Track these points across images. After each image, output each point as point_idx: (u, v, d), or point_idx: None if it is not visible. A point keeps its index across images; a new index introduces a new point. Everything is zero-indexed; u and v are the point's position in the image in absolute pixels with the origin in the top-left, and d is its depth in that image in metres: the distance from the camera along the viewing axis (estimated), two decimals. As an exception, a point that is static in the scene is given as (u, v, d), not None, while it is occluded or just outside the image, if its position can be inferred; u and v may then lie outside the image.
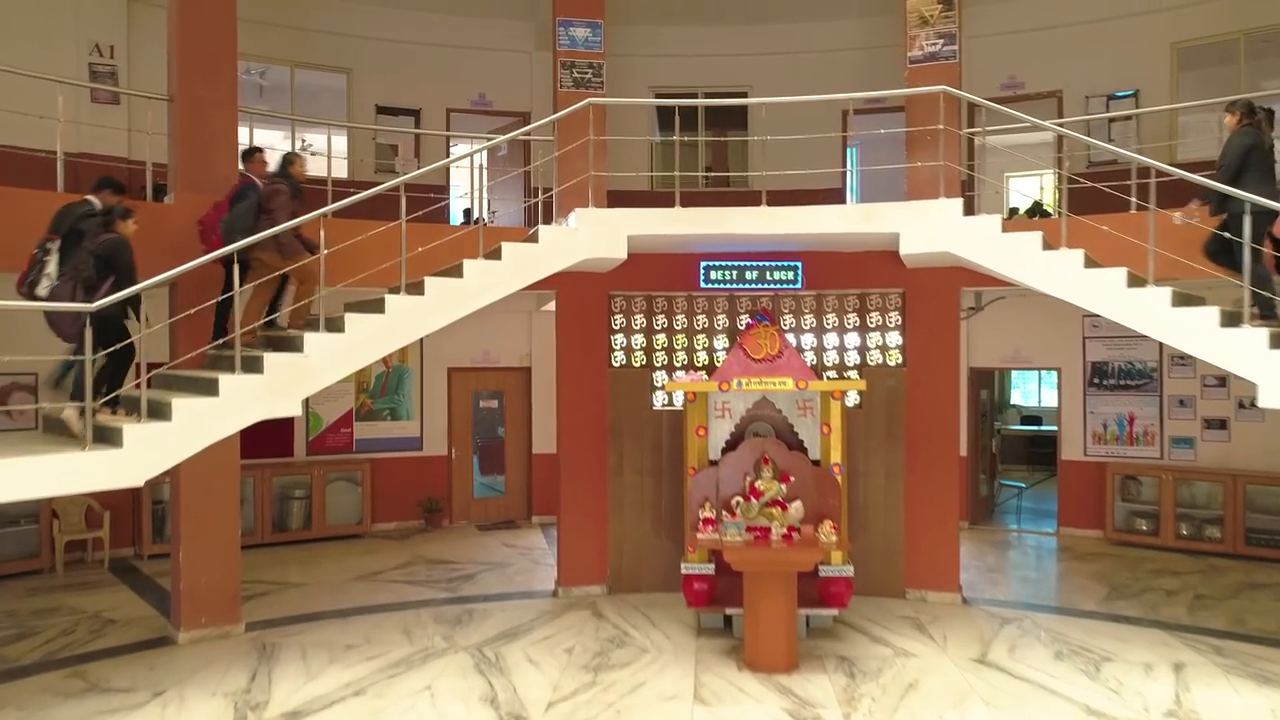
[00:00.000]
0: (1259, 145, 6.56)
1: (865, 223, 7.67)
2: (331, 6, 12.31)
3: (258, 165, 7.88)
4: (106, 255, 6.28)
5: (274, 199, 7.35)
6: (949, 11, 8.89)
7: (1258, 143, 6.56)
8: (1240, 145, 6.58)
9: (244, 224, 7.19)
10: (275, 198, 7.36)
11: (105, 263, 6.26)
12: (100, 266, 6.24)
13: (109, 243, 6.34)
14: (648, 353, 9.53)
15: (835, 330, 9.41)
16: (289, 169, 7.69)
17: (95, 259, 6.24)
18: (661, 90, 13.63)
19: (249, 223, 7.20)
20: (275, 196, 7.36)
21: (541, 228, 7.61)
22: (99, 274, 6.21)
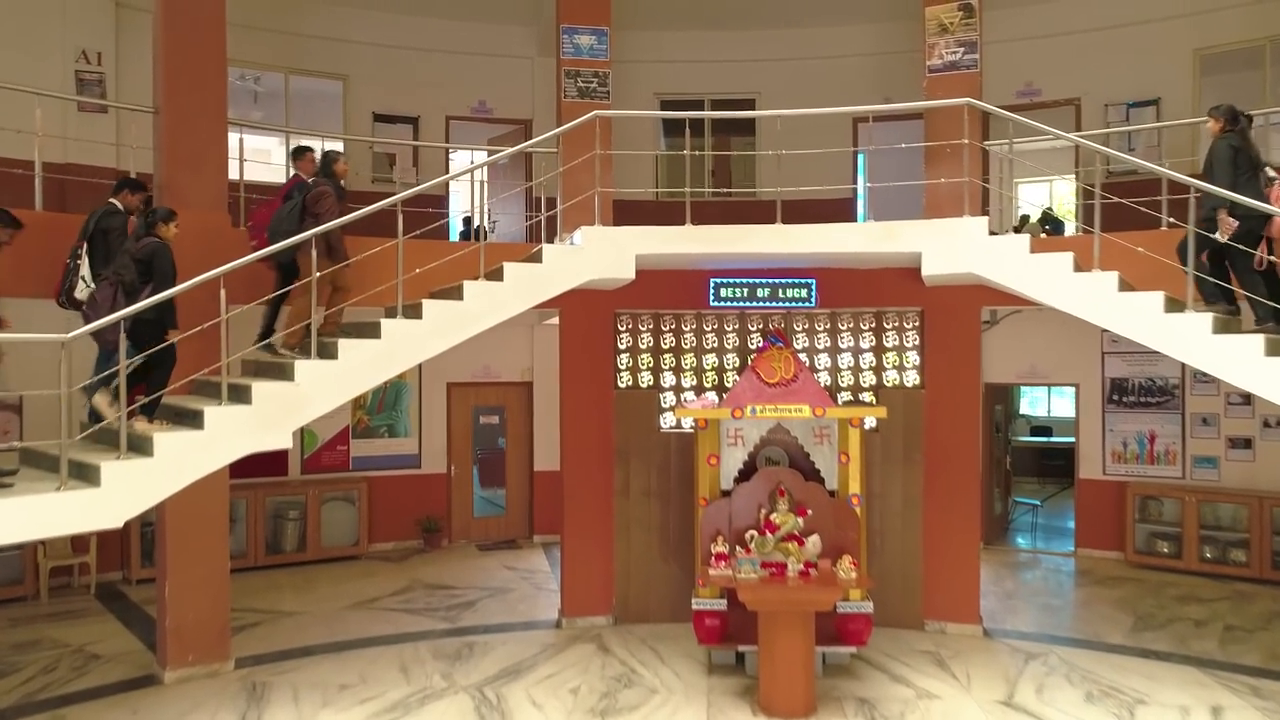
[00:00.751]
0: (1244, 149, 6.50)
1: (886, 242, 7.30)
2: (327, 11, 11.95)
3: (308, 164, 7.66)
4: (147, 259, 6.21)
5: (320, 202, 7.12)
6: (969, 19, 8.53)
7: (1243, 146, 6.50)
8: (1228, 150, 6.48)
9: (287, 226, 7.02)
10: (321, 201, 7.13)
11: (146, 266, 6.20)
12: (141, 270, 6.17)
13: (149, 246, 6.27)
14: (655, 373, 9.17)
15: (850, 350, 9.05)
16: (332, 168, 7.46)
17: (136, 263, 6.17)
18: (667, 97, 13.31)
19: (293, 225, 7.02)
20: (321, 199, 7.14)
21: (546, 247, 7.25)
22: (140, 278, 6.15)
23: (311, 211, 7.11)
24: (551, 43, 10.41)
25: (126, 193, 6.94)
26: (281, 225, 7.09)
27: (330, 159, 7.54)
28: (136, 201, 6.95)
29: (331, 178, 7.42)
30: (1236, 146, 6.47)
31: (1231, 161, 6.43)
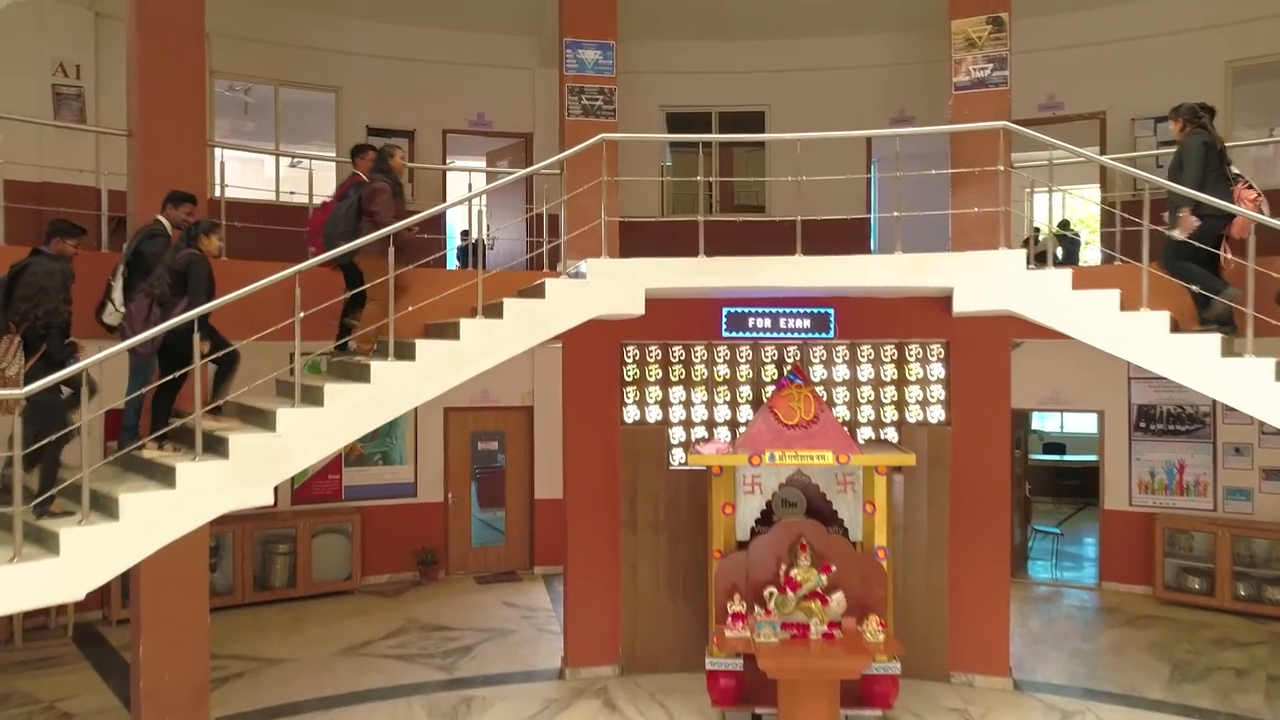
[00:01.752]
0: (1212, 145, 6.32)
1: (915, 276, 6.79)
2: (318, 21, 11.40)
3: (366, 163, 7.31)
4: (182, 270, 5.90)
5: (376, 199, 6.73)
6: (999, 33, 8.01)
7: (1210, 142, 6.32)
8: (1198, 144, 6.28)
9: (344, 227, 6.72)
10: (377, 198, 6.74)
11: (180, 278, 5.89)
12: (175, 282, 5.86)
13: (186, 257, 5.94)
14: (664, 407, 8.66)
15: (871, 383, 8.54)
16: (389, 163, 7.05)
17: (171, 274, 5.88)
18: (673, 109, 12.80)
19: (349, 225, 6.72)
20: (377, 197, 6.74)
21: (549, 281, 6.72)
22: (173, 291, 5.84)
23: (367, 210, 6.75)
24: (553, 53, 9.88)
25: (171, 206, 6.58)
26: (337, 227, 6.79)
27: (386, 153, 7.12)
28: (182, 215, 6.56)
29: (388, 173, 7.00)
30: (1208, 143, 6.27)
31: (1203, 158, 6.23)
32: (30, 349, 5.40)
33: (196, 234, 6.10)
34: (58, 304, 5.45)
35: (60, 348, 5.46)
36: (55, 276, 5.49)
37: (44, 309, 5.38)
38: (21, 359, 5.36)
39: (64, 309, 5.52)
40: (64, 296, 5.52)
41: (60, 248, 5.82)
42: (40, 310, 5.36)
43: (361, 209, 6.80)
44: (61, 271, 5.57)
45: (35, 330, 5.38)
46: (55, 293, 5.44)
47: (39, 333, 5.40)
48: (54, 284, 5.46)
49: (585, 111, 8.43)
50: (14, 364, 5.33)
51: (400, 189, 7.07)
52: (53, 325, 5.43)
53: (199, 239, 6.09)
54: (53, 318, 5.43)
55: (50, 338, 5.44)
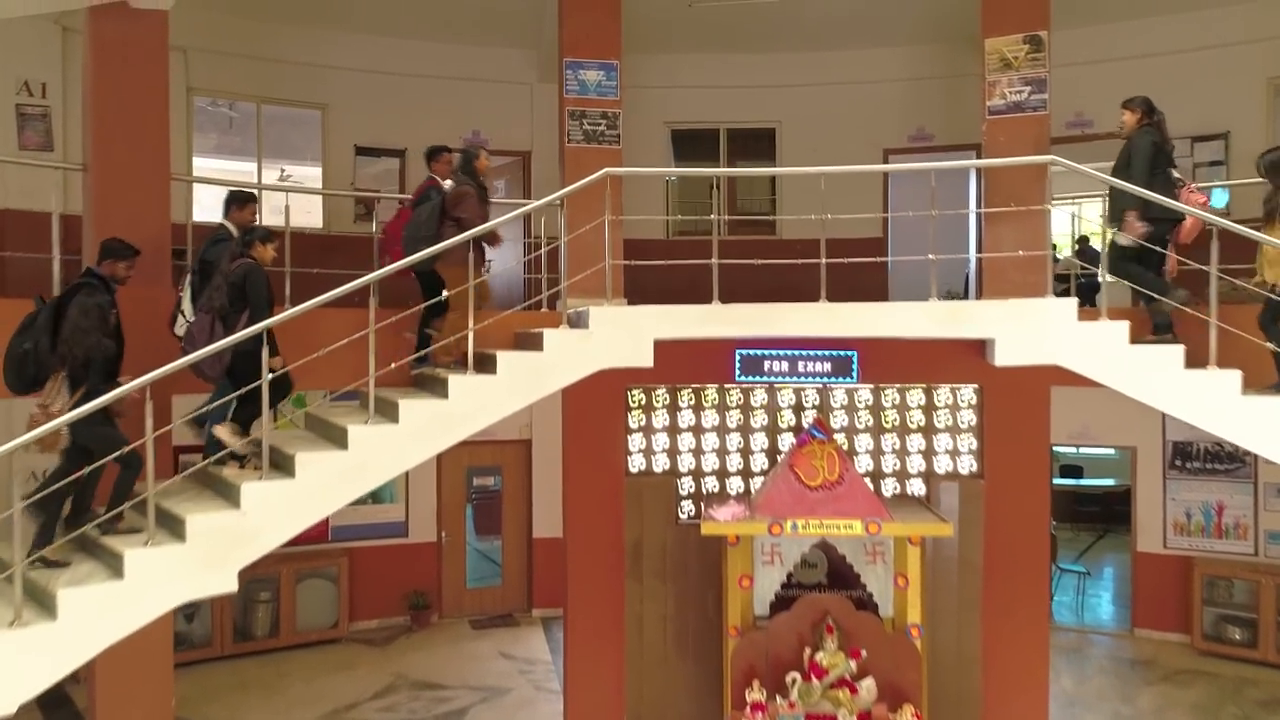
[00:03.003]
0: (1161, 146, 6.12)
1: (952, 326, 6.14)
2: (304, 35, 10.74)
3: (444, 166, 7.01)
4: (239, 282, 5.59)
5: (462, 203, 6.40)
6: (1037, 54, 7.37)
7: (1160, 143, 6.12)
8: (1147, 144, 6.05)
9: (426, 232, 6.34)
10: (463, 202, 6.41)
11: (238, 290, 5.59)
12: (234, 295, 5.58)
13: (242, 269, 5.63)
14: (672, 455, 8.01)
15: (896, 431, 7.89)
16: (473, 165, 6.70)
17: (229, 286, 5.59)
18: (679, 125, 12.16)
19: (432, 230, 6.35)
20: (463, 201, 6.41)
21: (547, 333, 6.07)
22: (233, 304, 5.55)
23: (452, 215, 6.38)
24: (553, 67, 9.21)
25: (235, 209, 6.29)
26: (419, 231, 6.40)
27: (471, 155, 6.75)
28: (248, 216, 6.30)
29: (472, 175, 6.64)
30: (1157, 143, 6.04)
31: (1151, 158, 5.99)
32: (77, 385, 5.18)
33: (251, 241, 5.80)
34: (97, 340, 5.16)
35: (100, 384, 5.12)
36: (91, 314, 5.18)
37: (80, 348, 5.12)
38: (66, 395, 5.15)
39: (105, 344, 5.23)
40: (104, 331, 5.22)
41: (112, 270, 5.49)
42: (78, 350, 5.12)
43: (445, 213, 6.42)
44: (99, 306, 5.25)
45: (78, 368, 5.16)
46: (91, 330, 5.15)
47: (81, 370, 5.17)
48: (89, 322, 5.16)
49: (587, 137, 7.79)
50: (57, 400, 5.13)
51: (486, 192, 6.71)
52: (93, 362, 5.16)
53: (254, 246, 5.78)
54: (93, 354, 5.15)
55: (90, 374, 5.15)
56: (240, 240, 5.88)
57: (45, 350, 5.10)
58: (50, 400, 5.13)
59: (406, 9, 10.40)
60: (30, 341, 5.13)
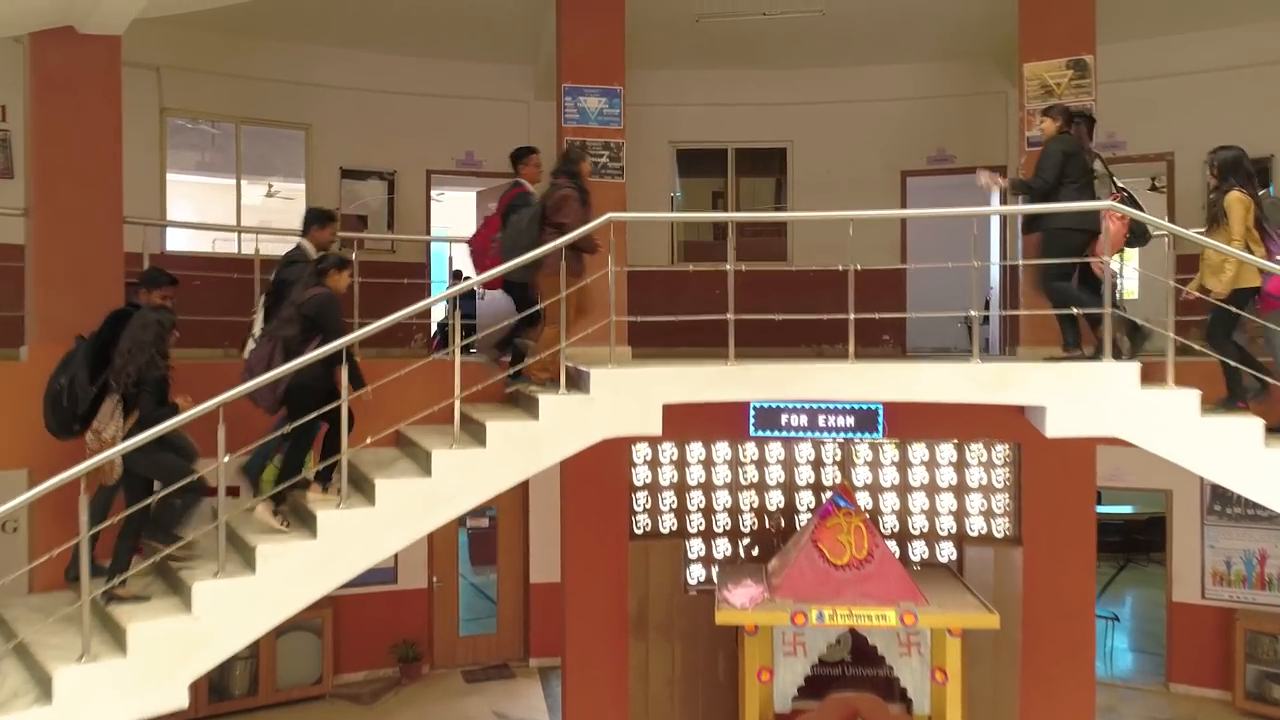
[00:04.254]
0: (1078, 154, 5.88)
1: (998, 391, 5.48)
2: (285, 51, 10.08)
3: (532, 169, 6.74)
4: (312, 313, 5.22)
5: (564, 208, 5.96)
6: (1082, 79, 6.72)
7: (1076, 151, 5.88)
8: (1057, 152, 5.84)
9: (527, 240, 5.91)
10: (565, 206, 5.98)
11: (310, 322, 5.21)
12: (305, 326, 5.20)
13: (315, 299, 5.27)
14: (679, 515, 7.38)
15: (924, 489, 7.24)
16: (577, 168, 6.23)
17: (301, 317, 5.22)
18: (684, 145, 11.49)
19: (532, 238, 5.91)
20: (565, 205, 5.98)
21: (543, 398, 5.42)
22: (303, 334, 5.17)
23: (553, 220, 5.93)
24: (550, 84, 8.54)
25: (315, 228, 6.00)
26: (520, 240, 5.97)
27: (574, 157, 6.31)
28: (328, 237, 6.00)
29: (574, 178, 6.16)
30: (1069, 151, 5.84)
31: (1059, 166, 5.79)
32: (130, 409, 4.98)
33: (326, 269, 5.43)
34: (151, 357, 4.92)
35: (153, 408, 4.89)
36: (151, 328, 4.97)
37: (136, 364, 4.87)
38: (119, 420, 4.93)
39: (159, 364, 4.99)
40: (159, 349, 4.99)
41: (148, 299, 5.33)
42: (133, 366, 4.87)
43: (545, 218, 5.96)
44: (159, 322, 5.04)
45: (131, 389, 4.93)
46: (149, 345, 4.92)
47: (134, 391, 4.93)
48: (148, 336, 4.94)
49: (588, 171, 7.09)
50: (110, 425, 4.92)
51: (588, 197, 6.19)
52: (146, 382, 4.92)
53: (328, 274, 5.41)
54: (146, 373, 4.91)
55: (142, 396, 4.92)
56: (315, 267, 5.46)
57: (83, 382, 4.87)
58: (103, 426, 4.89)
59: (394, 23, 9.74)
60: (67, 376, 4.90)
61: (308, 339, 5.16)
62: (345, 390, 4.95)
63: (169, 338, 5.09)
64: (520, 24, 9.65)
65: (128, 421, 4.86)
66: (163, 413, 4.82)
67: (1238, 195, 5.30)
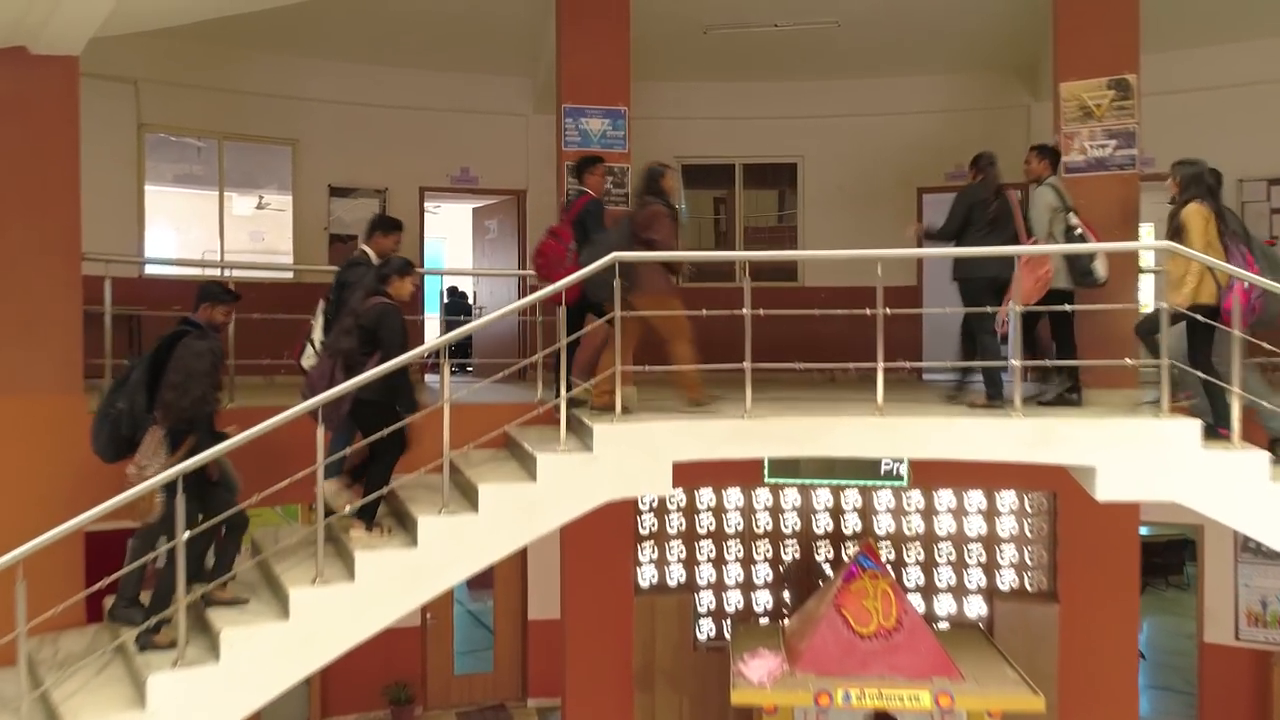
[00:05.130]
0: (980, 205, 5.87)
1: (1041, 449, 4.98)
2: (272, 63, 9.57)
3: (598, 178, 6.37)
4: (371, 325, 4.86)
5: (656, 224, 5.70)
6: (1124, 100, 6.21)
7: (978, 203, 5.89)
8: (963, 205, 5.89)
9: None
10: (657, 223, 5.70)
11: (370, 334, 4.85)
12: (364, 338, 4.84)
13: (375, 309, 4.91)
14: (689, 567, 6.87)
15: (951, 540, 6.74)
16: (660, 183, 5.94)
17: (359, 328, 4.86)
18: (690, 160, 10.96)
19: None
20: (657, 221, 5.72)
21: (540, 459, 4.91)
22: (362, 347, 4.82)
23: (642, 238, 5.65)
24: (549, 98, 8.03)
25: (379, 235, 5.70)
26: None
27: (657, 173, 5.98)
28: (390, 245, 5.67)
29: (660, 194, 5.92)
30: (972, 201, 5.87)
31: (965, 215, 5.84)
32: (176, 443, 4.57)
33: (388, 275, 5.04)
34: (206, 391, 4.62)
35: (210, 442, 4.51)
36: (204, 358, 4.63)
37: (190, 397, 4.54)
38: (164, 456, 4.53)
39: (212, 396, 4.71)
40: (213, 381, 4.71)
41: (209, 315, 4.90)
42: (187, 400, 4.54)
43: (635, 235, 5.69)
44: (211, 351, 4.71)
45: (180, 424, 4.56)
46: (203, 377, 4.61)
47: (184, 427, 4.57)
48: (202, 366, 4.61)
49: (590, 198, 6.58)
50: (154, 463, 4.52)
51: (677, 213, 6.00)
52: (199, 416, 4.61)
53: (390, 281, 5.03)
54: (199, 408, 4.60)
55: (198, 431, 4.58)
56: (376, 274, 5.09)
57: (142, 409, 4.57)
58: (147, 461, 4.52)
59: (385, 34, 9.23)
60: (125, 400, 4.59)
61: (368, 353, 4.80)
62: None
63: (222, 366, 4.82)
64: (519, 34, 9.14)
65: (172, 458, 4.49)
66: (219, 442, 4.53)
67: (1196, 207, 5.12)
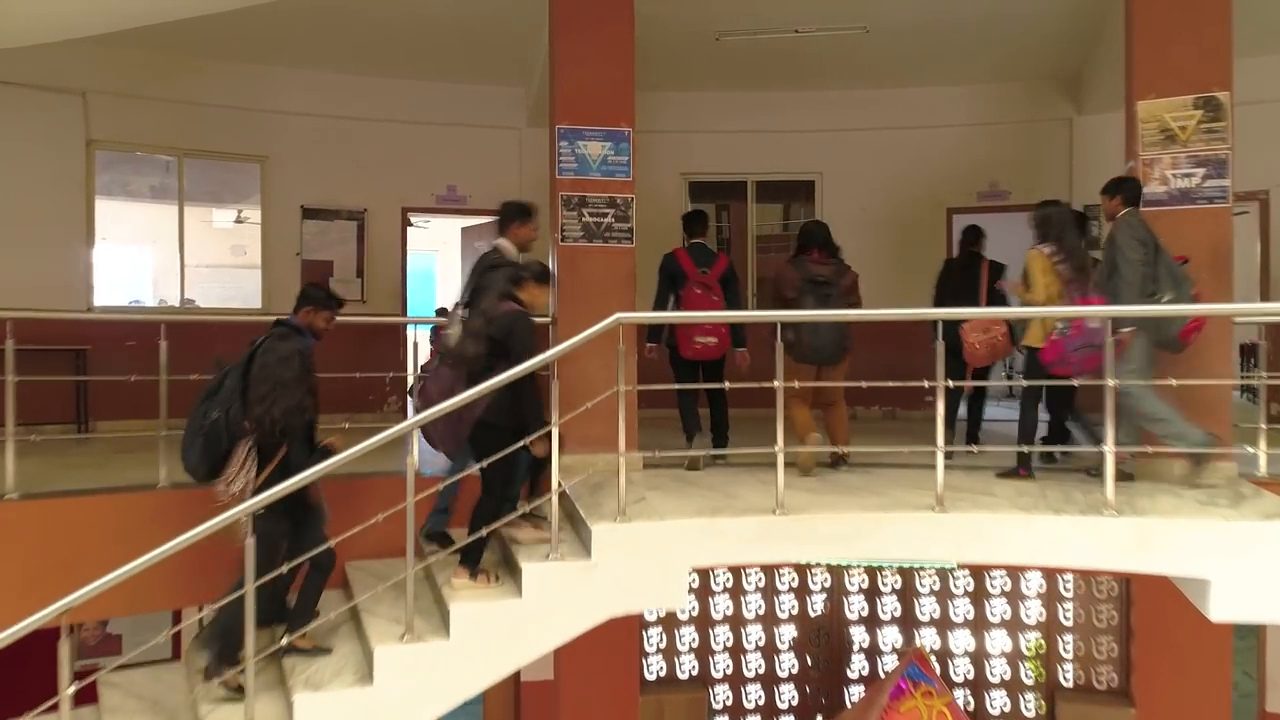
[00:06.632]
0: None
1: (1137, 556, 4.06)
2: (236, 73, 8.66)
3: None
4: (501, 335, 4.29)
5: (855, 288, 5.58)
6: (1215, 122, 5.29)
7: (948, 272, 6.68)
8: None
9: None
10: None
11: (498, 345, 4.27)
12: (493, 349, 4.25)
13: (505, 319, 4.34)
14: (702, 656, 5.96)
15: (1004, 626, 5.84)
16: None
17: (487, 339, 4.28)
18: (697, 178, 10.08)
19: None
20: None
21: (526, 568, 4.01)
22: (489, 358, 4.23)
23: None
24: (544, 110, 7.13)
25: (515, 224, 5.02)
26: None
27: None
28: (529, 234, 5.07)
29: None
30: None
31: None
32: (267, 456, 4.09)
33: (523, 279, 4.47)
34: (300, 399, 4.14)
35: (304, 455, 4.10)
36: (290, 362, 4.15)
37: (280, 408, 4.06)
38: (252, 472, 4.07)
39: (308, 404, 4.23)
40: (305, 387, 4.21)
41: (309, 321, 4.39)
42: (277, 409, 4.05)
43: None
44: (299, 353, 4.22)
45: (271, 437, 4.07)
46: (294, 385, 4.13)
47: (276, 439, 4.08)
48: (289, 372, 4.13)
49: (588, 233, 5.67)
50: (241, 478, 4.07)
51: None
52: (292, 428, 4.11)
53: (525, 286, 4.46)
54: (291, 418, 4.10)
55: (291, 443, 4.10)
56: (509, 279, 4.46)
57: (238, 419, 4.09)
58: (233, 476, 4.07)
59: (363, 40, 8.31)
60: (219, 410, 4.10)
61: (492, 364, 4.19)
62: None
63: (314, 370, 4.30)
64: (510, 40, 8.20)
65: (262, 474, 4.06)
66: (318, 457, 4.02)
67: (1034, 253, 5.17)
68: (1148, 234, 4.94)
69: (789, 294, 5.43)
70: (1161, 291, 4.78)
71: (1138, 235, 4.89)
